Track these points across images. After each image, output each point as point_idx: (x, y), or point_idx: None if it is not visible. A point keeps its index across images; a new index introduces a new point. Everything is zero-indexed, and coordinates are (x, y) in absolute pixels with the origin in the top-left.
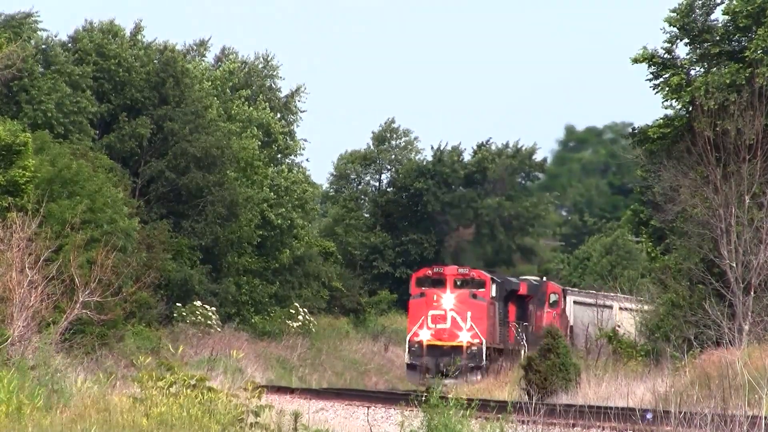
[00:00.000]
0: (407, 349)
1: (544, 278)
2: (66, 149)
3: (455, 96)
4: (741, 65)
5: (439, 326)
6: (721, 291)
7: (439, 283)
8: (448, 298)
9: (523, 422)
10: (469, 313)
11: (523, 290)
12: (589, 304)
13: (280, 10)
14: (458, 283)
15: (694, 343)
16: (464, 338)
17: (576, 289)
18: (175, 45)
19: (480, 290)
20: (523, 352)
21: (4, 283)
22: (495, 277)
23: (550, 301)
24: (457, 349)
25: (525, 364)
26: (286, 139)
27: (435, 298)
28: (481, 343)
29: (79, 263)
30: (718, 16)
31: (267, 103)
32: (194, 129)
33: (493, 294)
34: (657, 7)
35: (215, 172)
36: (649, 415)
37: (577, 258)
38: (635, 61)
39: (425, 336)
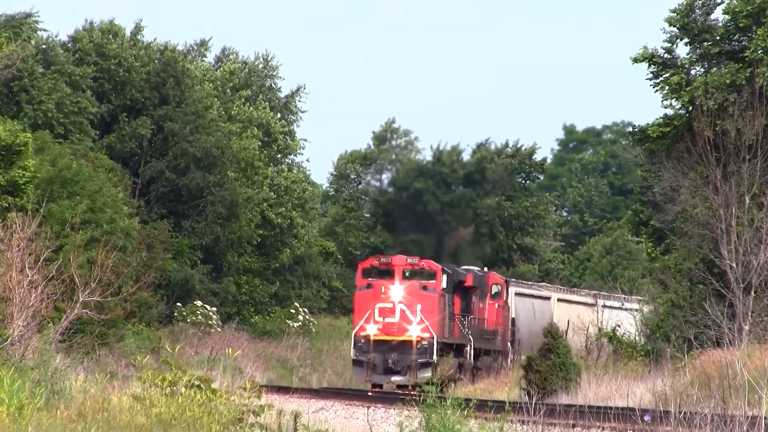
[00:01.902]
0: (353, 345)
1: (486, 268)
2: (66, 149)
3: (455, 96)
4: (741, 65)
5: (387, 320)
6: (721, 291)
7: (386, 273)
8: (396, 290)
9: (523, 422)
10: (419, 306)
11: (469, 281)
12: (530, 296)
13: (280, 10)
14: (407, 273)
15: (694, 343)
16: (414, 332)
17: (513, 279)
18: (176, 45)
19: (430, 281)
20: (468, 347)
21: (4, 283)
22: (445, 268)
23: (492, 293)
24: (406, 344)
25: (525, 364)
26: (286, 139)
27: (383, 290)
28: (432, 338)
29: (79, 263)
30: (718, 15)
31: (267, 103)
32: (194, 129)
33: (444, 285)
34: (657, 7)
35: (215, 173)
36: (647, 417)
37: (578, 258)
38: (635, 60)
39: (372, 330)
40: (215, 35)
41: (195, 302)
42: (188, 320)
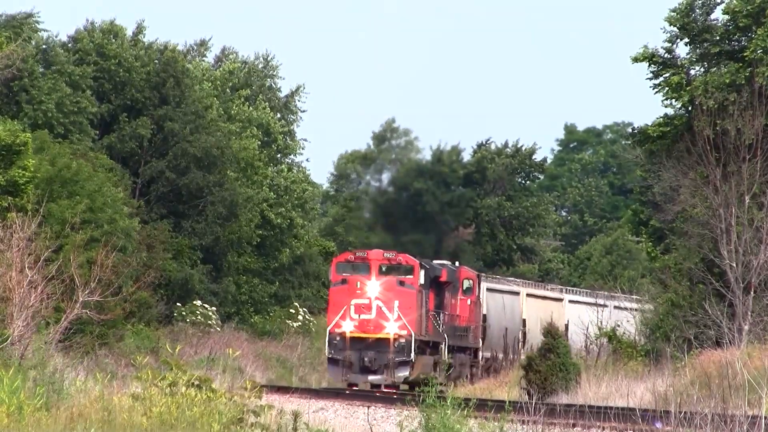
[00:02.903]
0: (327, 342)
1: (457, 263)
2: (66, 149)
3: (455, 96)
4: (741, 65)
5: (363, 317)
6: (721, 291)
7: (362, 268)
8: (372, 286)
9: (523, 422)
10: (396, 302)
11: (444, 276)
12: (500, 291)
13: (280, 10)
14: (384, 269)
15: (694, 343)
16: (391, 330)
17: (484, 274)
18: (176, 45)
19: (408, 277)
20: (443, 344)
21: (4, 283)
22: (423, 263)
23: (464, 288)
24: (383, 342)
25: (525, 364)
26: (286, 139)
27: (358, 286)
28: (410, 336)
29: (79, 263)
30: (718, 15)
31: (267, 103)
32: (194, 129)
33: (422, 281)
34: (657, 7)
35: (215, 172)
36: (658, 424)
37: (578, 258)
38: (635, 60)
39: (348, 327)
40: (215, 35)
41: (195, 302)
42: (188, 320)
